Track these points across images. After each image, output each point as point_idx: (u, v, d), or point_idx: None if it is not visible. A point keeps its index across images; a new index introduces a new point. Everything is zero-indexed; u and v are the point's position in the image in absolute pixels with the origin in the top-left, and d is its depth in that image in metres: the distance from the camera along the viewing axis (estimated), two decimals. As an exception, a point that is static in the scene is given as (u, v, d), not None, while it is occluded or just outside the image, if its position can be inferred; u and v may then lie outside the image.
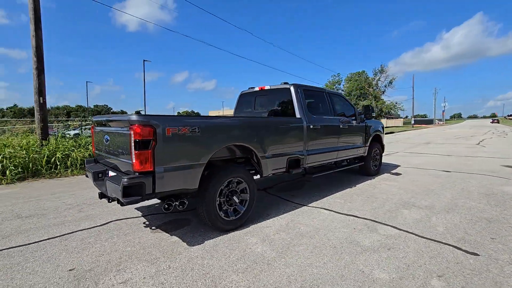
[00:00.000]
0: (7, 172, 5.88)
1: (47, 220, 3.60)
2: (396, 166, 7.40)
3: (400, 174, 6.36)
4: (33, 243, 2.94)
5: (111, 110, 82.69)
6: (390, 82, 48.23)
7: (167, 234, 3.14)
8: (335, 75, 55.60)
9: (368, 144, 5.81)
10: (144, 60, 27.58)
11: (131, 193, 2.43)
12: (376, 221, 3.43)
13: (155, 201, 4.18)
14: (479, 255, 2.57)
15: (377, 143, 6.29)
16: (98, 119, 3.55)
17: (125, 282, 2.21)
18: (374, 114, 5.60)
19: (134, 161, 2.45)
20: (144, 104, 27.39)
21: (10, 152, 6.23)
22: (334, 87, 56.62)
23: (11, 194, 4.97)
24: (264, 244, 2.84)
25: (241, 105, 5.22)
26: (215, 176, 3.05)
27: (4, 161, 6.03)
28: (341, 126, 4.92)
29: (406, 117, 71.96)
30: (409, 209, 3.89)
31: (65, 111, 65.92)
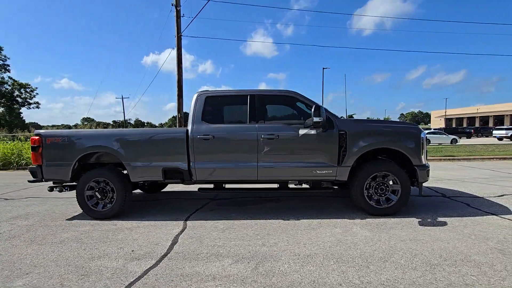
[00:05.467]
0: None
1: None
2: (487, 214, 3.73)
3: (446, 224, 3.34)
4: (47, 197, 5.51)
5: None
6: None
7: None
8: None
9: (349, 163, 3.68)
10: (323, 68, 29.20)
11: (33, 176, 4.13)
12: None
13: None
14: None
15: (393, 163, 3.72)
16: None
17: (27, 223, 3.94)
18: (318, 119, 3.40)
19: (31, 158, 4.15)
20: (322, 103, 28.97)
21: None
22: None
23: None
24: (78, 232, 3.48)
25: None
26: (84, 174, 4.06)
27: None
28: (262, 136, 3.74)
29: None
30: (235, 264, 2.58)
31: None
